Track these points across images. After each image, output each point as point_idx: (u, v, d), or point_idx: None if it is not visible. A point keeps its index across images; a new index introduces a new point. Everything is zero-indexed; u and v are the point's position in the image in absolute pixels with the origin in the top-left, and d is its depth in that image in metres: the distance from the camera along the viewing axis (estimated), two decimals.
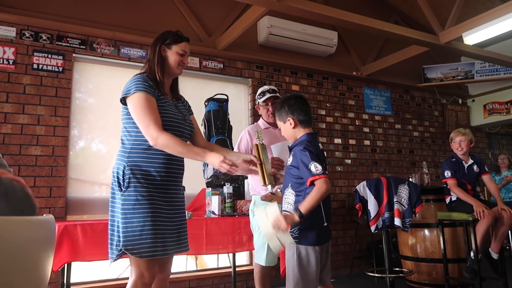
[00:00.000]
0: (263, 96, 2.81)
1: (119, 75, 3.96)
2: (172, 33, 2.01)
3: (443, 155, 6.04)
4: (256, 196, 2.76)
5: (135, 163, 1.82)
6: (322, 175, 1.89)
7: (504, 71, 5.61)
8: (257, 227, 2.69)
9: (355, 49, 5.42)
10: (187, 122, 2.01)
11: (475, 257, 3.12)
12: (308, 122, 2.08)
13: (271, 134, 2.76)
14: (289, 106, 2.08)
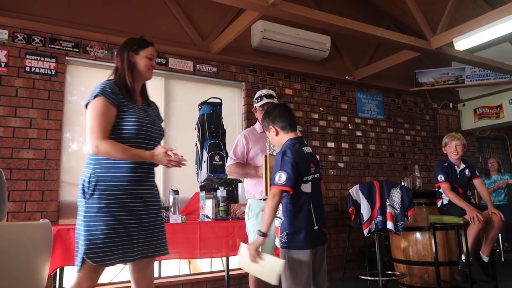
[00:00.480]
0: (260, 101, 2.83)
1: None
2: (137, 39, 2.06)
3: (435, 159, 6.10)
4: (252, 199, 2.76)
5: (101, 172, 1.83)
6: (282, 187, 1.93)
7: (494, 76, 5.70)
8: (251, 230, 2.68)
9: (348, 53, 5.46)
10: (156, 126, 2.03)
11: (466, 260, 3.15)
12: (290, 127, 2.13)
13: (266, 138, 2.77)
14: (269, 116, 2.18)
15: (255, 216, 2.67)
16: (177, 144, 4.21)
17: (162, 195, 3.99)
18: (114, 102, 1.87)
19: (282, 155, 2.01)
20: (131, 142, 1.88)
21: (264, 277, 1.91)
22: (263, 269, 1.90)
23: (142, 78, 2.05)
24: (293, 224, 1.99)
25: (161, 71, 4.13)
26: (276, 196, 1.94)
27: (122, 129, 1.88)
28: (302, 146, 2.08)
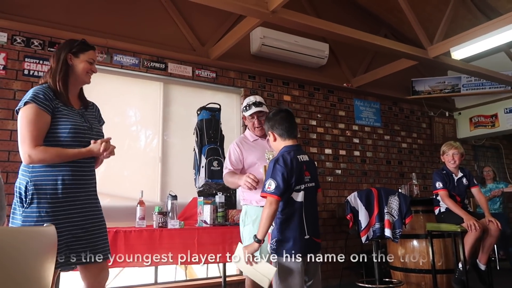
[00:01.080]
0: (248, 109, 2.75)
1: (112, 82, 3.94)
2: (78, 42, 2.00)
3: (431, 167, 6.13)
4: (249, 206, 2.73)
5: (38, 179, 1.80)
6: (270, 195, 1.95)
7: (490, 85, 5.76)
8: (247, 237, 2.65)
9: (346, 61, 5.50)
10: (94, 131, 2.00)
11: (463, 268, 3.16)
12: (288, 134, 2.14)
13: (260, 146, 2.75)
14: (269, 121, 2.20)
15: (251, 223, 2.65)
16: (175, 149, 4.21)
17: (160, 200, 3.99)
18: (48, 108, 1.83)
19: (274, 163, 2.02)
20: (68, 147, 1.86)
21: (257, 279, 1.97)
22: (256, 272, 1.93)
23: (79, 82, 2.02)
24: (281, 232, 2.00)
25: (160, 76, 4.13)
26: (273, 204, 1.95)
27: (58, 135, 1.85)
28: (297, 154, 2.08)
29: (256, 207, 2.66)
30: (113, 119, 3.96)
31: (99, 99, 3.79)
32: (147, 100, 4.14)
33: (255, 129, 2.76)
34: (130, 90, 4.06)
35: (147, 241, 2.84)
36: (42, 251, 0.79)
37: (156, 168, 4.08)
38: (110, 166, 3.71)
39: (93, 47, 2.06)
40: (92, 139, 1.94)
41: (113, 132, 3.84)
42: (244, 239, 2.70)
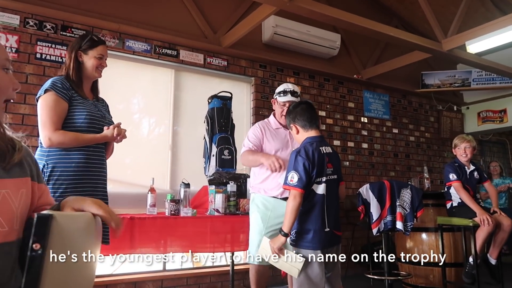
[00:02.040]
0: (284, 96, 2.72)
1: (123, 68, 3.91)
2: (87, 38, 2.09)
3: (437, 161, 6.13)
4: (256, 194, 2.72)
5: (55, 161, 1.92)
6: (293, 188, 1.94)
7: (500, 80, 5.72)
8: (252, 224, 2.66)
9: (356, 52, 5.46)
10: (106, 119, 2.12)
11: (474, 262, 3.17)
12: (310, 125, 2.13)
13: (281, 135, 2.75)
14: (290, 114, 2.20)
15: (256, 211, 2.65)
16: (185, 137, 4.19)
17: (169, 187, 3.98)
18: (65, 96, 1.96)
19: (296, 154, 2.01)
20: (84, 133, 1.98)
21: (285, 269, 2.00)
22: (285, 264, 1.95)
23: (90, 77, 2.11)
24: (301, 223, 1.99)
25: (172, 63, 4.09)
26: (297, 197, 1.95)
27: (74, 122, 1.97)
28: (320, 146, 2.07)
29: (263, 196, 2.66)
30: (124, 105, 3.94)
31: (110, 84, 3.80)
32: (158, 87, 4.11)
33: (282, 116, 2.74)
34: (142, 76, 4.03)
35: (160, 228, 2.84)
36: (95, 236, 0.78)
37: (166, 156, 4.06)
38: (120, 152, 3.69)
39: (102, 41, 2.13)
40: (106, 125, 2.06)
41: (123, 118, 3.84)
42: (251, 227, 2.70)
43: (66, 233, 0.63)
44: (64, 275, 0.64)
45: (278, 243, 1.98)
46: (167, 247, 2.89)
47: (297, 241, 1.99)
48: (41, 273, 0.55)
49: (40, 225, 0.57)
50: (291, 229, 1.97)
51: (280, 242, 1.98)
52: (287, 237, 1.96)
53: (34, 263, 0.56)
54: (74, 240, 0.67)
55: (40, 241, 0.56)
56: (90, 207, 0.80)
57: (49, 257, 0.57)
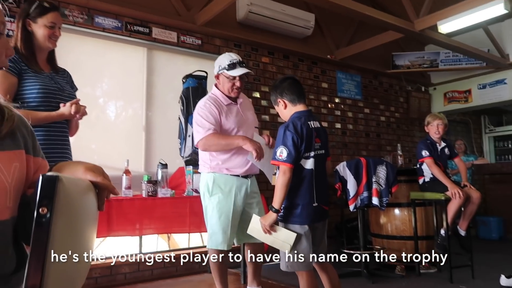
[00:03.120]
0: (232, 69, 2.46)
1: (92, 46, 3.73)
2: (35, 4, 1.88)
3: (407, 140, 6.32)
4: (216, 174, 2.50)
5: None
6: (283, 163, 1.93)
7: (466, 61, 5.91)
8: (216, 208, 2.46)
9: (330, 32, 5.46)
10: (65, 93, 1.96)
11: (445, 234, 3.31)
12: (298, 99, 2.10)
13: (234, 111, 2.57)
14: (277, 89, 2.14)
15: (220, 192, 2.47)
16: (159, 117, 4.09)
17: (144, 169, 3.89)
18: (13, 70, 1.79)
19: (284, 129, 1.99)
20: (38, 110, 1.81)
21: (277, 246, 1.98)
22: (276, 240, 1.95)
23: (43, 47, 1.92)
24: (290, 199, 2.00)
25: (144, 41, 3.95)
26: (287, 173, 1.93)
27: (25, 97, 1.80)
28: (308, 120, 2.06)
29: (226, 176, 2.49)
30: (94, 85, 3.78)
31: (78, 63, 3.63)
32: (131, 66, 3.96)
33: (233, 90, 2.51)
34: (112, 54, 3.86)
35: (139, 210, 2.77)
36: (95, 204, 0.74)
37: (140, 138, 3.95)
38: (91, 134, 3.57)
39: (54, 7, 1.92)
40: (64, 101, 1.87)
41: (94, 98, 3.71)
42: (211, 210, 2.49)
43: (72, 199, 0.58)
44: (69, 244, 0.59)
45: (269, 220, 1.97)
46: (145, 229, 2.83)
47: (285, 216, 1.99)
48: (48, 242, 0.51)
49: (46, 187, 0.51)
50: (281, 206, 1.96)
51: (271, 219, 1.97)
52: (278, 213, 1.96)
53: (41, 229, 0.51)
54: (79, 207, 0.62)
55: (48, 205, 0.51)
56: (85, 174, 0.74)
57: (56, 224, 0.52)
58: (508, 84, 5.99)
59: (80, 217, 0.63)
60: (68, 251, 0.59)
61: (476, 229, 5.40)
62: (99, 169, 0.77)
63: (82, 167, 0.75)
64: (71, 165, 0.76)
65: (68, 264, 0.60)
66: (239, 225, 2.56)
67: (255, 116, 2.77)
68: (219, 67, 2.53)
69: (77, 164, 0.76)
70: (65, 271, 0.58)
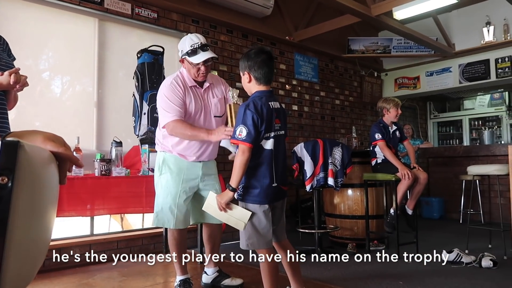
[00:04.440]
0: (195, 54, 2.37)
1: (37, 14, 3.44)
2: None
3: (359, 123, 6.52)
4: (166, 154, 2.49)
5: None
6: (242, 142, 1.92)
7: (416, 49, 6.16)
8: (164, 186, 2.45)
9: (289, 13, 5.44)
10: (2, 62, 1.82)
11: (394, 213, 3.48)
12: (265, 80, 2.05)
13: (199, 94, 2.50)
14: (248, 60, 2.05)
15: (169, 172, 2.46)
16: (111, 93, 3.89)
17: (95, 147, 3.71)
18: None
19: (245, 108, 1.96)
20: None
21: (232, 223, 1.98)
22: (231, 217, 1.94)
23: None
24: (249, 179, 1.99)
25: (95, 11, 3.70)
26: (246, 152, 1.92)
27: None
28: (269, 101, 2.03)
29: (175, 157, 2.48)
30: (39, 57, 3.50)
31: (20, 32, 3.34)
32: (80, 38, 3.71)
33: (199, 75, 2.44)
34: (60, 25, 3.59)
35: (91, 189, 2.64)
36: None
37: (91, 114, 3.75)
38: (34, 110, 3.34)
39: None
40: (0, 71, 1.71)
41: (37, 72, 3.44)
42: (159, 188, 2.49)
43: (35, 168, 0.51)
44: (32, 220, 0.53)
45: (225, 198, 1.96)
46: (98, 209, 2.71)
47: (244, 195, 1.98)
48: (9, 217, 0.44)
49: (6, 153, 0.44)
50: (239, 184, 1.94)
51: (228, 197, 1.96)
52: (235, 192, 1.94)
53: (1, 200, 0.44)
54: (42, 179, 0.55)
55: (8, 174, 0.44)
56: (45, 144, 0.66)
57: (17, 195, 0.45)
58: (453, 72, 6.34)
59: (42, 190, 0.57)
60: (30, 227, 0.53)
61: (420, 209, 5.74)
62: (59, 139, 0.69)
63: (40, 136, 0.66)
64: (26, 134, 0.67)
65: (30, 243, 0.54)
66: (195, 205, 2.54)
67: (223, 101, 2.60)
68: (181, 52, 2.44)
69: (34, 133, 0.67)
70: (27, 250, 0.52)
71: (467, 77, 6.17)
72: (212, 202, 2.04)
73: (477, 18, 5.81)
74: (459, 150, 5.98)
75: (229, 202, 1.98)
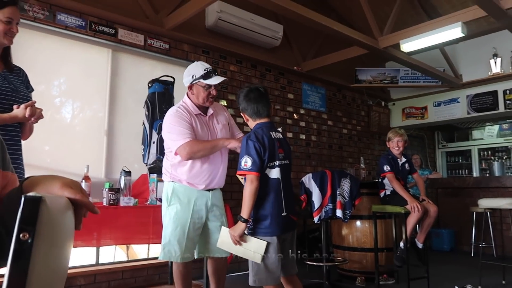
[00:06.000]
0: (208, 78, 2.40)
1: (53, 43, 3.55)
2: None
3: (367, 153, 6.50)
4: (176, 184, 2.46)
5: None
6: (249, 172, 1.93)
7: (423, 80, 6.20)
8: (173, 217, 2.40)
9: (297, 44, 5.55)
10: (20, 94, 1.87)
11: (404, 247, 3.41)
12: (257, 115, 2.12)
13: (205, 123, 2.51)
14: (240, 103, 2.16)
15: (179, 203, 2.42)
16: (122, 122, 3.94)
17: (104, 176, 3.73)
18: None
19: (246, 139, 2.00)
20: None
21: (248, 257, 1.96)
22: (247, 250, 1.92)
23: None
24: (258, 209, 1.98)
25: (109, 42, 3.80)
26: (254, 181, 1.93)
27: None
28: (270, 131, 2.08)
29: (185, 186, 2.44)
30: (53, 86, 3.58)
31: (38, 62, 3.43)
32: (93, 67, 3.79)
33: (208, 100, 2.44)
34: (75, 55, 3.68)
35: (99, 220, 2.63)
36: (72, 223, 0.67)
37: (101, 142, 3.79)
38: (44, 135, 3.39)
39: (11, 1, 1.80)
40: (17, 103, 1.77)
41: (53, 100, 3.51)
42: (168, 220, 2.43)
43: (54, 220, 0.52)
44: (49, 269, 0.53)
45: (238, 231, 1.94)
46: (105, 240, 2.69)
47: (254, 228, 1.96)
48: (28, 270, 0.44)
49: (29, 209, 0.45)
50: (249, 215, 1.93)
51: (240, 230, 1.94)
52: (247, 223, 1.93)
53: (20, 257, 0.44)
54: (60, 229, 0.56)
55: (29, 230, 0.45)
56: (63, 190, 0.67)
57: (37, 249, 0.46)
58: (461, 103, 6.35)
59: (60, 239, 0.57)
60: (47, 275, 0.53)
61: (430, 240, 5.63)
62: (77, 185, 0.70)
63: (58, 183, 0.67)
64: (45, 180, 0.68)
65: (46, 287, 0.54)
66: (200, 238, 2.51)
67: (227, 127, 2.64)
68: (193, 77, 2.44)
69: (52, 179, 0.68)
70: None
71: (475, 107, 6.18)
72: (226, 238, 2.02)
73: (484, 50, 5.87)
74: (468, 181, 5.91)
75: (243, 234, 1.96)
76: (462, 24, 3.94)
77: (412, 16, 5.68)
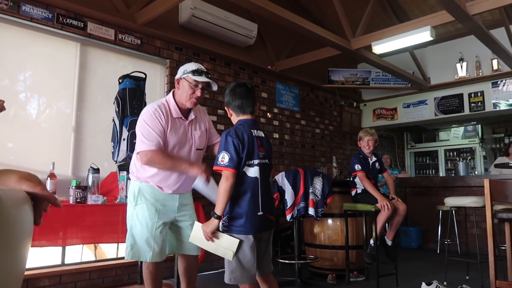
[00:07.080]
0: (198, 75, 2.28)
1: (18, 37, 3.40)
2: None
3: (339, 152, 6.59)
4: (143, 183, 2.36)
5: None
6: (225, 168, 1.91)
7: (393, 81, 6.35)
8: (140, 217, 2.32)
9: (271, 44, 5.55)
10: None
11: (374, 244, 3.47)
12: (241, 111, 2.09)
13: (182, 126, 2.39)
14: (225, 96, 2.13)
15: (145, 203, 2.33)
16: (90, 118, 3.82)
17: (71, 173, 3.61)
18: None
19: (226, 135, 1.98)
20: None
21: (220, 253, 1.94)
22: (219, 247, 1.90)
23: None
24: (233, 207, 1.96)
25: (77, 36, 3.67)
26: (230, 178, 1.90)
27: None
28: (251, 128, 2.05)
29: (152, 187, 2.36)
30: (17, 80, 3.43)
31: (1, 55, 3.28)
32: (61, 62, 3.66)
33: (190, 99, 2.31)
34: (42, 48, 3.54)
35: (65, 218, 2.53)
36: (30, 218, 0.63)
37: (68, 138, 3.66)
38: (7, 131, 3.25)
39: None
40: None
41: (18, 95, 3.36)
42: (134, 219, 2.34)
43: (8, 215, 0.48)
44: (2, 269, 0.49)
45: (211, 227, 1.91)
46: (71, 239, 2.59)
47: (229, 226, 1.94)
48: None
49: None
50: (224, 212, 1.91)
51: (213, 226, 1.91)
52: (220, 219, 1.90)
53: None
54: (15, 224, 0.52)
55: None
56: (20, 184, 0.63)
57: None
58: (429, 105, 6.54)
59: (16, 237, 0.53)
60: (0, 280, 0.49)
61: (398, 238, 5.76)
62: (35, 178, 0.66)
63: (15, 176, 0.63)
64: (1, 174, 0.64)
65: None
66: (172, 236, 2.46)
67: (205, 134, 2.53)
68: (183, 72, 2.34)
69: (8, 172, 0.64)
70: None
71: (442, 109, 6.38)
72: (198, 232, 1.98)
73: (451, 55, 6.07)
74: (435, 180, 6.09)
75: (216, 231, 1.93)
76: (431, 28, 4.05)
77: (384, 20, 5.80)
